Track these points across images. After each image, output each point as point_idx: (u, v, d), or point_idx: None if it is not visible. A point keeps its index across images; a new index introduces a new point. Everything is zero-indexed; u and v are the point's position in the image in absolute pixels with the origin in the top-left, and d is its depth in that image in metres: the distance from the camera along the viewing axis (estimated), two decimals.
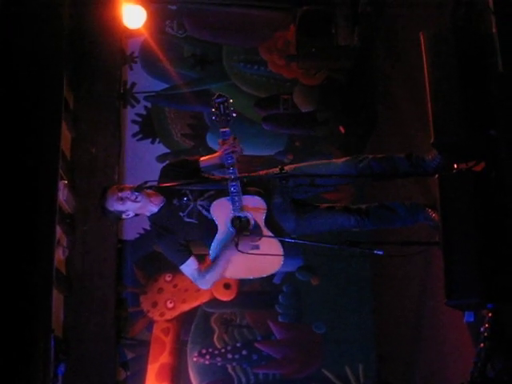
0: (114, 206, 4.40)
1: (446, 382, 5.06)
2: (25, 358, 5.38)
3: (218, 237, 4.46)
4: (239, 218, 4.39)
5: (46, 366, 5.77)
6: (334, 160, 4.81)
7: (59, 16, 6.60)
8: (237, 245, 4.29)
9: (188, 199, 4.50)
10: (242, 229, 4.39)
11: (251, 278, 5.08)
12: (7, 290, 5.19)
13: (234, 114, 4.09)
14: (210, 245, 4.49)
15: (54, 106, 6.42)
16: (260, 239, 4.41)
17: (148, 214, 4.57)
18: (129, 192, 4.36)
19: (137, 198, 4.36)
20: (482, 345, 3.83)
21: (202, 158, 4.63)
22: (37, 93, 5.92)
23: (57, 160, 6.33)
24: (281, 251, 4.45)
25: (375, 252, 4.10)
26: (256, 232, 4.39)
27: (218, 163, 4.44)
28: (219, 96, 4.06)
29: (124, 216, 4.50)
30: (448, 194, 3.87)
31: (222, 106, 4.05)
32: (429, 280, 5.42)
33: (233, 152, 4.17)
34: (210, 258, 4.53)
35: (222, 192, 4.36)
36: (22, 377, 5.33)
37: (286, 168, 4.53)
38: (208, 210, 4.44)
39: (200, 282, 4.58)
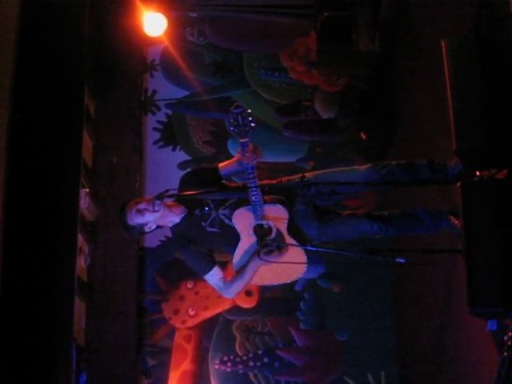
0: (134, 219, 4.33)
1: None
2: (47, 366, 5.41)
3: (242, 246, 4.39)
4: (261, 226, 4.32)
5: (68, 374, 5.80)
6: (355, 167, 4.74)
7: (80, 25, 6.64)
8: (259, 253, 4.26)
9: (210, 208, 4.44)
10: (264, 237, 4.32)
11: (275, 284, 5.02)
12: (29, 298, 5.23)
13: (253, 124, 3.97)
14: (233, 252, 4.43)
15: (76, 114, 6.47)
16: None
17: (170, 225, 4.51)
18: (145, 203, 4.30)
19: (155, 207, 4.28)
20: (505, 353, 3.79)
21: (220, 165, 4.55)
22: (58, 101, 5.97)
23: (78, 168, 6.38)
24: (304, 259, 4.38)
25: (397, 260, 4.05)
26: (279, 240, 4.33)
27: (239, 169, 4.36)
28: (237, 106, 3.95)
29: (146, 229, 4.42)
30: (470, 201, 3.83)
31: (240, 116, 3.94)
32: (451, 288, 5.38)
33: (253, 161, 4.11)
34: (235, 268, 4.47)
35: (244, 200, 4.29)
36: None
37: (307, 175, 4.50)
38: (230, 219, 4.37)
39: (225, 291, 4.53)
